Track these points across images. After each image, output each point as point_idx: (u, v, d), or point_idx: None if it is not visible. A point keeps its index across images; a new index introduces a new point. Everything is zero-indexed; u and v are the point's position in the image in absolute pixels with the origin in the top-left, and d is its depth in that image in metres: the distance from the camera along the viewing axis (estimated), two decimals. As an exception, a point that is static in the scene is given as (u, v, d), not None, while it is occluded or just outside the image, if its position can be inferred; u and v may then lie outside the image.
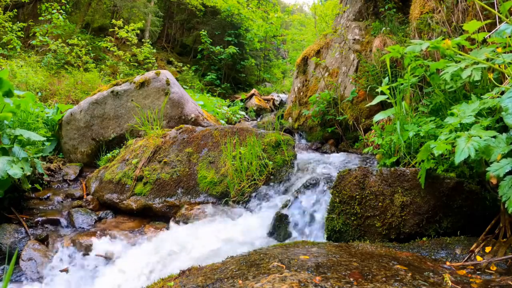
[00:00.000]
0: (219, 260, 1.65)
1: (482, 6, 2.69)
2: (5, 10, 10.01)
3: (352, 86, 4.63)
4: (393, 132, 2.64)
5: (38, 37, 9.15)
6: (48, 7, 9.78)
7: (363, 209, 2.04)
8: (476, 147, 1.51)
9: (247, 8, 14.85)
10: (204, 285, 1.28)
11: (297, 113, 5.71)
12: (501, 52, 1.73)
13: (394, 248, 1.79)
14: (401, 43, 3.89)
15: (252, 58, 14.62)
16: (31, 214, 3.03)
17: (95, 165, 4.41)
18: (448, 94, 2.44)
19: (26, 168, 2.88)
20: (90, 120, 4.59)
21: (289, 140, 3.36)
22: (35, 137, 3.12)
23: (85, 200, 3.39)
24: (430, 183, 1.94)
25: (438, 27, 3.25)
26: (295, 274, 1.21)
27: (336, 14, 6.43)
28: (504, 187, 1.41)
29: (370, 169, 2.15)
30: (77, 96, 7.24)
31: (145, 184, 3.32)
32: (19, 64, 7.62)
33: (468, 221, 1.91)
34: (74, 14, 12.66)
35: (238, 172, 3.10)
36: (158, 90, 4.53)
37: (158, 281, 1.63)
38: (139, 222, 3.05)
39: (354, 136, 4.57)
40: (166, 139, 3.70)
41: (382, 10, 4.64)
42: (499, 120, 1.74)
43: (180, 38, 16.55)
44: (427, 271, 1.38)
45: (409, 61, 2.49)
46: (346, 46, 5.00)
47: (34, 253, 2.42)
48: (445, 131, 1.82)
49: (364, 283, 1.17)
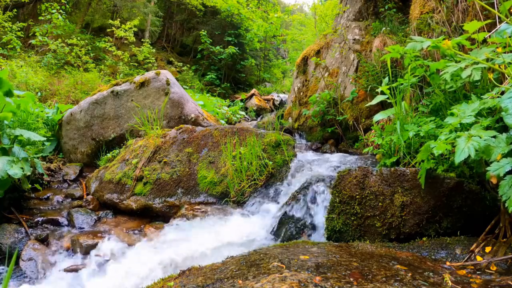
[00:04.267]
0: (219, 260, 1.65)
1: (482, 6, 2.69)
2: (5, 10, 10.01)
3: (352, 86, 4.63)
4: (393, 132, 2.64)
5: (38, 37, 9.15)
6: (48, 7, 9.77)
7: (363, 209, 2.04)
8: (476, 147, 1.51)
9: (247, 8, 14.85)
10: (204, 285, 1.28)
11: (297, 113, 5.71)
12: (501, 52, 1.73)
13: (394, 248, 1.79)
14: (401, 43, 3.89)
15: (252, 58, 14.61)
16: (31, 214, 3.03)
17: (95, 165, 4.41)
18: (448, 94, 2.44)
19: (26, 168, 2.88)
20: (90, 120, 4.59)
21: (289, 140, 3.36)
22: (35, 137, 3.12)
23: (85, 200, 3.39)
24: (430, 183, 1.94)
25: (438, 27, 3.25)
26: (295, 274, 1.21)
27: (336, 14, 6.43)
28: (504, 186, 1.41)
29: (370, 169, 2.15)
30: (77, 96, 7.24)
31: (145, 184, 3.32)
32: (19, 64, 7.61)
33: (468, 221, 1.91)
34: (74, 14, 12.66)
35: (238, 172, 3.10)
36: (158, 90, 4.53)
37: (158, 281, 1.63)
38: (139, 222, 3.05)
39: (354, 136, 4.56)
40: (166, 139, 3.70)
41: (382, 10, 4.64)
42: (499, 120, 1.74)
43: (180, 38, 16.55)
44: (427, 271, 1.38)
45: (409, 61, 2.49)
46: (346, 46, 5.00)
47: (34, 253, 2.42)
48: (445, 131, 1.82)
49: (364, 283, 1.17)
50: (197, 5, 14.30)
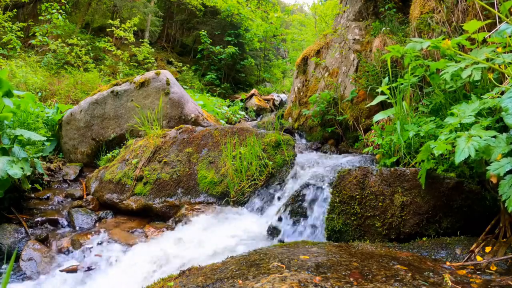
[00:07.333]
0: (219, 260, 1.65)
1: (482, 6, 2.69)
2: (5, 10, 10.01)
3: (352, 86, 4.63)
4: (393, 132, 2.64)
5: (38, 37, 9.14)
6: (48, 7, 9.77)
7: (363, 209, 2.04)
8: (476, 147, 1.51)
9: (246, 8, 14.84)
10: (204, 285, 1.28)
11: (297, 113, 5.71)
12: (501, 52, 1.73)
13: (394, 248, 1.79)
14: (401, 43, 3.89)
15: (252, 58, 14.61)
16: (31, 214, 3.03)
17: (95, 165, 4.41)
18: (448, 94, 2.44)
19: (26, 168, 2.88)
20: (90, 120, 4.59)
21: (289, 140, 3.36)
22: (35, 137, 3.12)
23: (85, 200, 3.39)
24: (430, 183, 1.94)
25: (438, 27, 3.25)
26: (295, 274, 1.21)
27: (336, 14, 6.43)
28: (504, 186, 1.41)
29: (370, 169, 2.15)
30: (77, 96, 7.24)
31: (145, 184, 3.32)
32: (19, 64, 7.61)
33: (468, 221, 1.91)
34: (74, 14, 12.65)
35: (238, 172, 3.10)
36: (158, 90, 4.53)
37: (158, 281, 1.63)
38: (139, 222, 3.05)
39: (354, 136, 4.56)
40: (166, 139, 3.70)
41: (382, 10, 4.64)
42: (499, 120, 1.74)
43: (180, 38, 16.55)
44: (427, 271, 1.38)
45: (409, 60, 2.49)
46: (346, 46, 5.00)
47: (34, 253, 2.42)
48: (445, 131, 1.82)
49: (364, 283, 1.17)
50: (197, 5, 14.29)
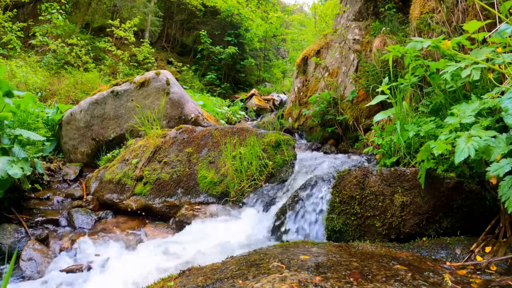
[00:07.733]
0: (218, 260, 1.65)
1: (482, 6, 2.69)
2: (5, 10, 10.01)
3: (352, 86, 4.63)
4: (393, 132, 2.64)
5: (38, 37, 9.14)
6: (48, 7, 9.77)
7: (363, 209, 2.04)
8: (476, 147, 1.51)
9: (246, 8, 14.84)
10: (204, 285, 1.28)
11: (297, 113, 5.71)
12: (501, 52, 1.73)
13: (394, 248, 1.79)
14: (401, 43, 3.88)
15: (252, 58, 14.60)
16: (31, 214, 3.03)
17: (95, 165, 4.41)
18: (448, 94, 2.44)
19: (26, 168, 2.88)
20: (90, 120, 4.59)
21: (289, 140, 3.36)
22: (35, 137, 3.12)
23: (85, 200, 3.39)
24: (430, 183, 1.94)
25: (438, 27, 3.25)
26: (295, 274, 1.21)
27: (336, 14, 6.43)
28: (503, 187, 1.41)
29: (370, 169, 2.15)
30: (77, 96, 7.23)
31: (145, 184, 3.32)
32: (19, 64, 7.61)
33: (468, 221, 1.91)
34: (74, 14, 12.64)
35: (238, 172, 3.10)
36: (158, 90, 4.53)
37: (158, 281, 1.63)
38: (139, 222, 3.05)
39: (354, 136, 4.56)
40: (166, 139, 3.70)
41: (382, 10, 4.64)
42: (499, 120, 1.74)
43: (180, 38, 16.54)
44: (427, 271, 1.38)
45: (409, 60, 2.49)
46: (346, 46, 5.00)
47: (34, 253, 2.42)
48: (445, 131, 1.82)
49: (364, 283, 1.17)
50: (197, 5, 14.29)
